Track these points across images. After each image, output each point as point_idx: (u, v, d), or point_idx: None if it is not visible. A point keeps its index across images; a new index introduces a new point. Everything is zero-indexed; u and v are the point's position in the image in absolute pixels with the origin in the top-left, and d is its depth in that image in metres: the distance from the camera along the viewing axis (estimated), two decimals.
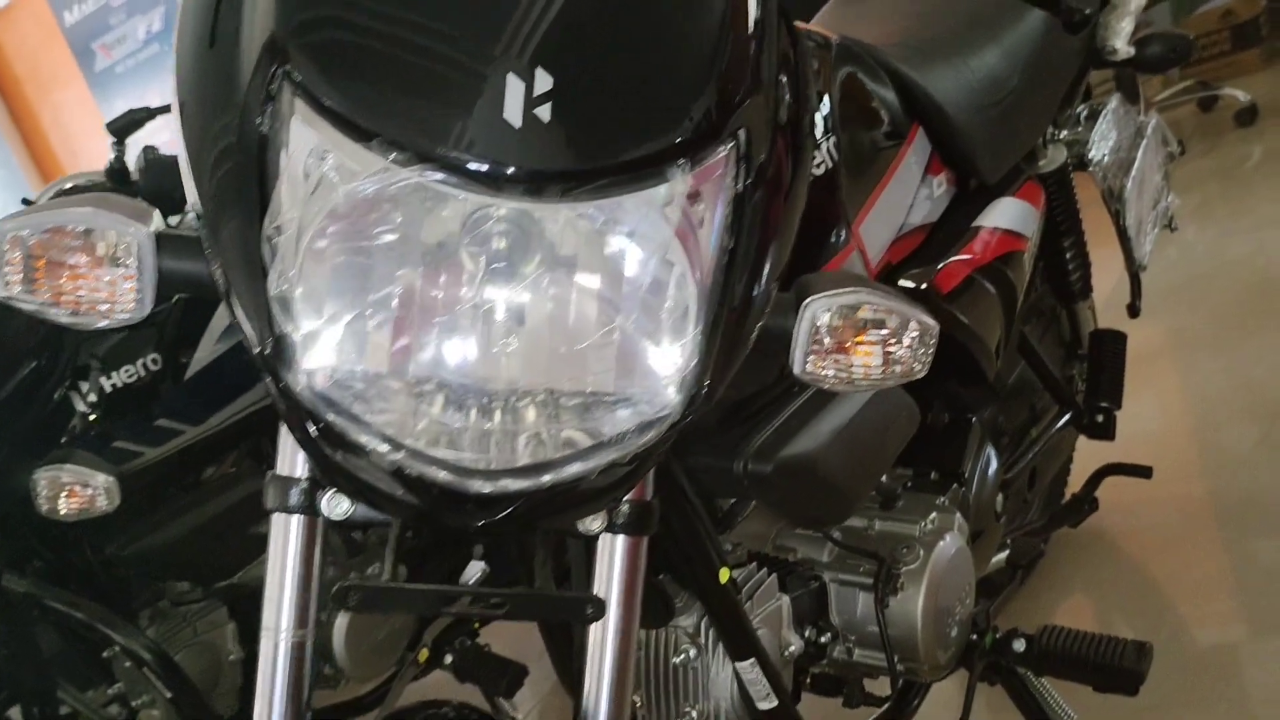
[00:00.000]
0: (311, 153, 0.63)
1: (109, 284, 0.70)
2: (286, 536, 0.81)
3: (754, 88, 0.69)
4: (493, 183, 0.61)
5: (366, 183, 0.61)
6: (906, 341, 0.79)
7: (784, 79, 0.77)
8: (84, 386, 1.56)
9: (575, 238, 0.64)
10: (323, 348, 0.64)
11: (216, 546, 1.73)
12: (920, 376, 0.81)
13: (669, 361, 0.66)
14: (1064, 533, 1.98)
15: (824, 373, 0.78)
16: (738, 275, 0.69)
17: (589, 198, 0.62)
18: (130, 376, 1.59)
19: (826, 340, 0.77)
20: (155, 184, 1.62)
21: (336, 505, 0.78)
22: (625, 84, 0.64)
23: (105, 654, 1.67)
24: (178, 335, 1.66)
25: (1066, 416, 1.71)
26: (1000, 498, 1.50)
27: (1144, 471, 1.80)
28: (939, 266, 1.25)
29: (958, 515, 1.34)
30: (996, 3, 1.50)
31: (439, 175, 0.60)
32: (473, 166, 0.60)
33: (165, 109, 1.66)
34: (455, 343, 0.64)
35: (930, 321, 0.80)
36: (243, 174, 0.66)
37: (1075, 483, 1.96)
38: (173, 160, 1.67)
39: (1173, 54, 1.84)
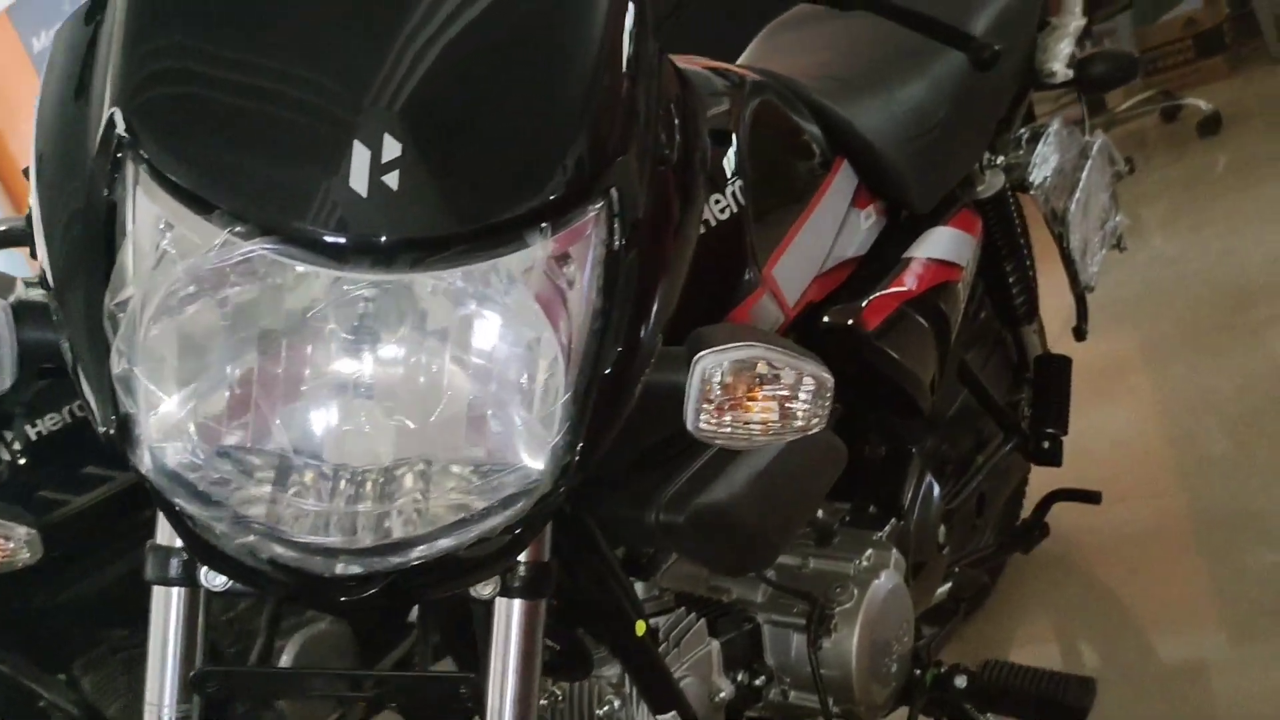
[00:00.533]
0: (155, 224, 0.61)
1: None
2: (168, 609, 0.78)
3: (626, 142, 0.67)
4: (338, 254, 0.59)
5: (209, 256, 0.59)
6: (803, 396, 0.78)
7: (675, 120, 0.75)
8: (8, 435, 1.52)
9: (441, 306, 0.62)
10: (170, 427, 0.61)
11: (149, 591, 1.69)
12: (818, 430, 0.79)
13: (538, 431, 0.64)
14: (1026, 560, 1.96)
15: (719, 429, 0.76)
16: (612, 337, 0.67)
17: (443, 266, 0.60)
18: (55, 424, 1.56)
19: (719, 396, 0.75)
20: None
21: (215, 577, 0.76)
22: (482, 146, 0.62)
23: (41, 704, 1.63)
24: None
25: (1012, 443, 1.69)
26: (943, 529, 1.48)
27: (1093, 497, 1.78)
28: (864, 302, 1.23)
29: (894, 551, 1.32)
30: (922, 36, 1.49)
31: (282, 247, 0.58)
32: (317, 237, 0.58)
33: None
34: (316, 419, 0.62)
35: (826, 375, 0.78)
36: (90, 243, 0.64)
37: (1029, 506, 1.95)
38: None
39: (1117, 74, 1.83)
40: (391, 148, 0.59)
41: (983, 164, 1.61)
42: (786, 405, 0.78)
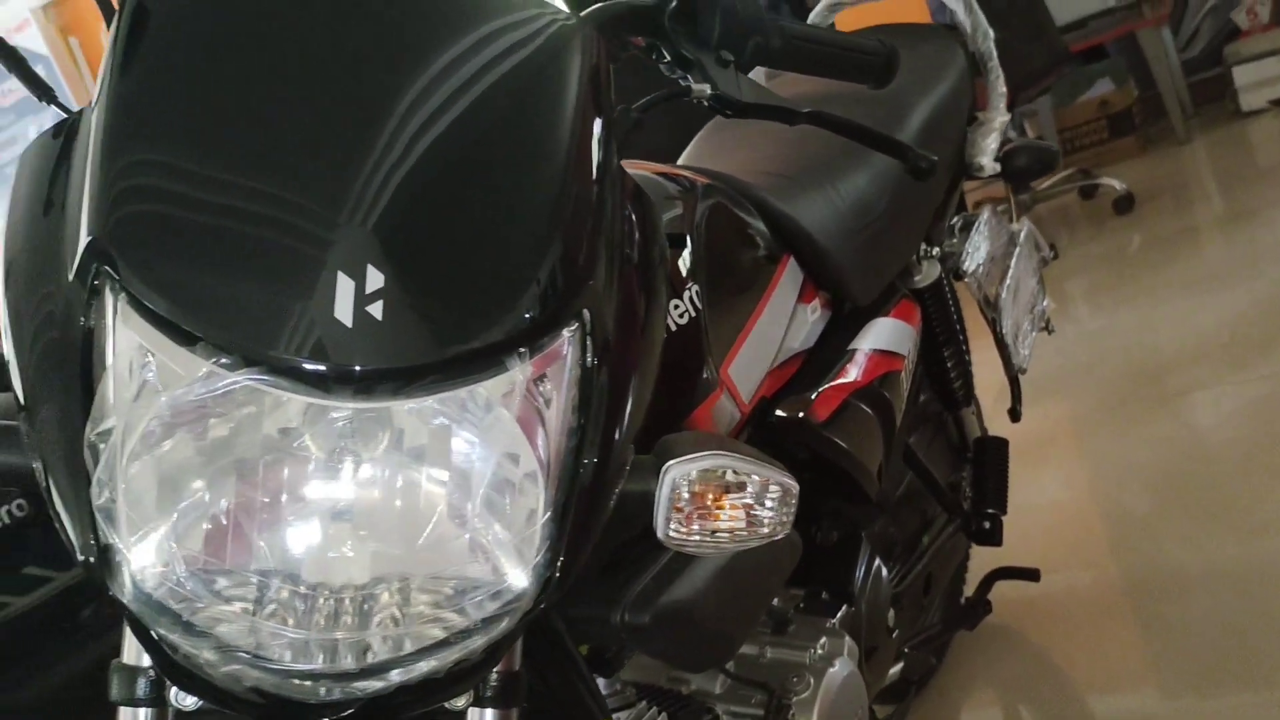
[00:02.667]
0: (136, 353, 0.61)
1: None
2: None
3: (595, 261, 0.70)
4: (323, 383, 0.60)
5: (193, 387, 0.60)
6: (769, 503, 0.80)
7: (635, 228, 0.78)
8: None
9: (420, 429, 0.63)
10: (151, 554, 0.62)
11: (96, 692, 1.65)
12: (781, 537, 0.81)
13: (519, 550, 0.65)
14: (969, 634, 1.99)
15: (688, 537, 0.78)
16: (587, 452, 0.69)
17: (424, 394, 0.61)
18: None
19: (688, 504, 0.77)
20: None
21: (185, 698, 0.75)
22: (459, 271, 0.64)
23: None
24: None
25: (955, 524, 1.73)
26: (892, 612, 1.50)
27: (1032, 574, 1.83)
28: (814, 395, 1.26)
29: (847, 639, 1.33)
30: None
31: (267, 378, 0.59)
32: (302, 367, 0.59)
33: None
34: (298, 541, 0.63)
35: (790, 482, 0.80)
36: (66, 369, 0.64)
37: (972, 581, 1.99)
38: None
39: (1038, 165, 1.92)
40: (375, 278, 0.61)
41: (919, 254, 1.66)
42: (752, 512, 0.80)
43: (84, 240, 0.63)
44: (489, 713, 0.79)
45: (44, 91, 0.84)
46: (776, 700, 1.24)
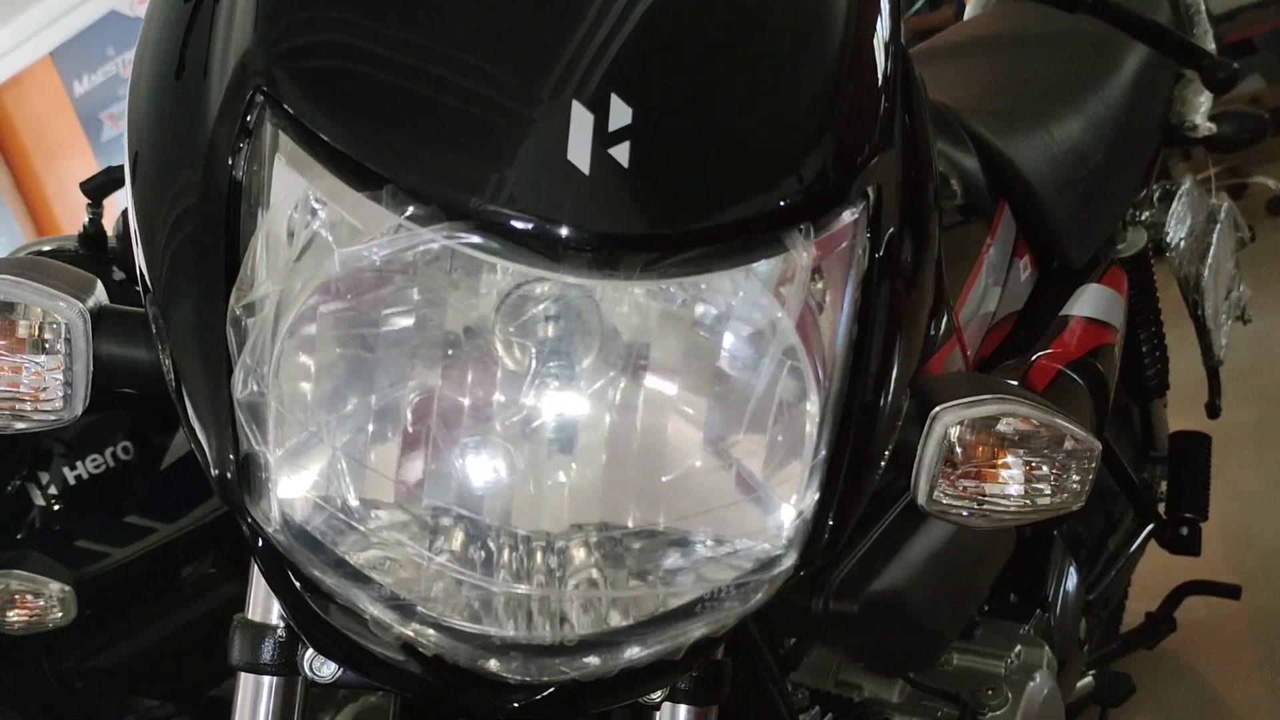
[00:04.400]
0: (299, 205, 0.46)
1: (34, 375, 0.53)
2: (257, 702, 0.63)
3: (886, 137, 0.53)
4: (550, 249, 0.44)
5: (374, 246, 0.44)
6: (1060, 462, 0.62)
7: (908, 116, 0.61)
8: (44, 477, 1.37)
9: (653, 322, 0.47)
10: (305, 472, 0.47)
11: (190, 659, 1.54)
12: (1077, 508, 0.63)
13: (782, 496, 0.49)
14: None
15: (956, 502, 0.61)
16: (866, 380, 0.52)
17: (680, 273, 0.45)
18: (98, 467, 1.41)
19: (961, 461, 0.60)
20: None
21: (322, 665, 0.61)
22: (727, 121, 0.48)
23: None
24: (154, 418, 1.48)
25: (1148, 528, 1.53)
26: (1084, 622, 1.32)
27: (1232, 591, 1.62)
28: (1031, 360, 1.08)
29: (1045, 649, 1.16)
30: (1079, 65, 1.36)
31: (474, 238, 0.43)
32: (521, 226, 0.43)
33: None
34: (486, 470, 0.47)
35: (1091, 440, 0.62)
36: (206, 233, 0.49)
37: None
38: None
39: (1248, 134, 1.72)
40: (621, 112, 0.45)
41: (1126, 220, 1.47)
42: (1035, 475, 0.63)
43: (237, 55, 0.48)
44: (683, 709, 0.64)
45: None
46: (969, 713, 1.06)
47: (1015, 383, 0.66)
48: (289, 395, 0.46)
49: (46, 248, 1.57)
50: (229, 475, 0.47)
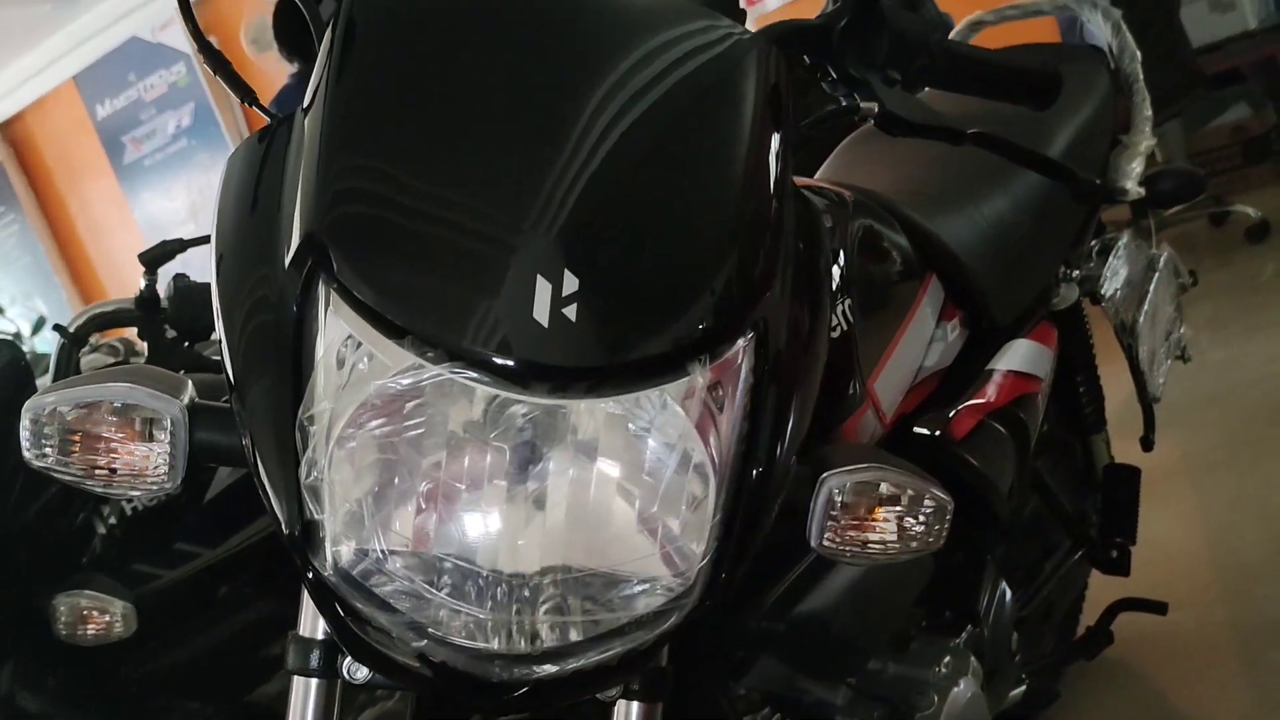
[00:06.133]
0: (346, 342, 0.65)
1: (142, 457, 0.72)
2: (306, 699, 0.81)
3: (773, 273, 0.72)
4: (520, 379, 0.63)
5: (400, 378, 0.63)
6: (922, 517, 0.81)
7: (800, 243, 0.80)
8: (105, 510, 1.58)
9: (597, 427, 0.66)
10: (349, 532, 0.66)
11: (229, 666, 1.73)
12: (936, 549, 0.82)
13: (690, 550, 0.68)
14: (1080, 665, 1.96)
15: (841, 547, 0.79)
16: (756, 458, 0.71)
17: (612, 393, 0.64)
18: (151, 500, 1.61)
19: (842, 515, 0.79)
20: (184, 312, 1.67)
21: (357, 670, 0.79)
22: (647, 281, 0.67)
23: None
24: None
25: (1080, 552, 1.71)
26: (1014, 636, 1.49)
27: (1159, 607, 1.79)
28: (952, 414, 1.26)
29: (972, 659, 1.33)
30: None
31: (469, 373, 0.63)
32: (502, 363, 0.63)
33: (195, 241, 1.71)
34: (479, 528, 0.66)
35: (945, 496, 0.81)
36: (278, 354, 0.68)
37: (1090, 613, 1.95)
38: (202, 288, 1.71)
39: (1184, 191, 1.88)
40: (570, 282, 0.64)
41: (1058, 276, 1.65)
42: (905, 525, 0.81)
43: (299, 234, 0.67)
44: (635, 705, 0.82)
45: (245, 93, 0.90)
46: (899, 715, 1.24)
47: (889, 453, 0.84)
48: (338, 481, 0.65)
49: (109, 309, 1.76)
50: (296, 534, 0.67)
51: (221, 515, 1.68)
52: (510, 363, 0.62)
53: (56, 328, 1.69)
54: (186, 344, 1.70)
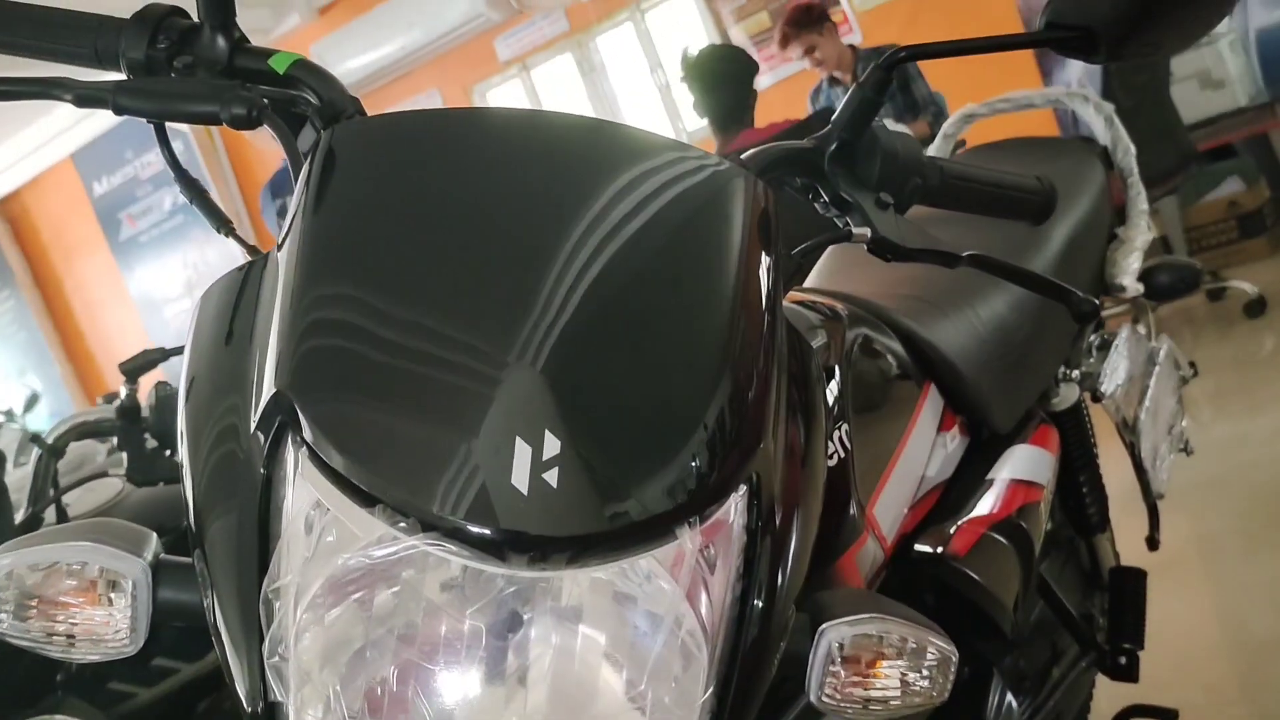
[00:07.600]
0: (314, 507, 0.62)
1: (102, 622, 0.68)
2: None
3: (762, 425, 0.68)
4: (498, 550, 0.59)
5: (372, 550, 0.60)
6: (925, 671, 0.77)
7: (793, 379, 0.76)
8: None
9: (581, 593, 0.62)
10: (316, 706, 0.61)
11: None
12: (940, 703, 0.77)
13: (685, 714, 0.64)
14: None
15: (841, 703, 0.75)
16: (752, 619, 0.67)
17: (595, 563, 0.61)
18: None
19: (842, 668, 0.75)
20: (166, 421, 1.63)
21: None
22: (632, 439, 0.63)
23: None
24: None
25: (1088, 658, 1.65)
26: None
27: (1170, 716, 1.73)
28: (953, 529, 1.22)
29: None
30: (1006, 247, 1.51)
31: (444, 544, 0.59)
32: (479, 533, 0.59)
33: (177, 351, 1.68)
34: (455, 702, 0.62)
35: (950, 648, 0.77)
36: (241, 515, 0.65)
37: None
38: None
39: (1181, 284, 1.86)
40: (551, 445, 0.60)
41: (1058, 377, 1.62)
42: (907, 678, 0.77)
43: (269, 392, 0.64)
44: None
45: (223, 223, 0.87)
46: None
47: (875, 571, 0.80)
48: (304, 662, 0.61)
49: (90, 418, 1.73)
50: (259, 712, 0.62)
51: (201, 630, 1.62)
52: (488, 532, 0.59)
53: (34, 438, 1.66)
54: (169, 453, 1.67)
